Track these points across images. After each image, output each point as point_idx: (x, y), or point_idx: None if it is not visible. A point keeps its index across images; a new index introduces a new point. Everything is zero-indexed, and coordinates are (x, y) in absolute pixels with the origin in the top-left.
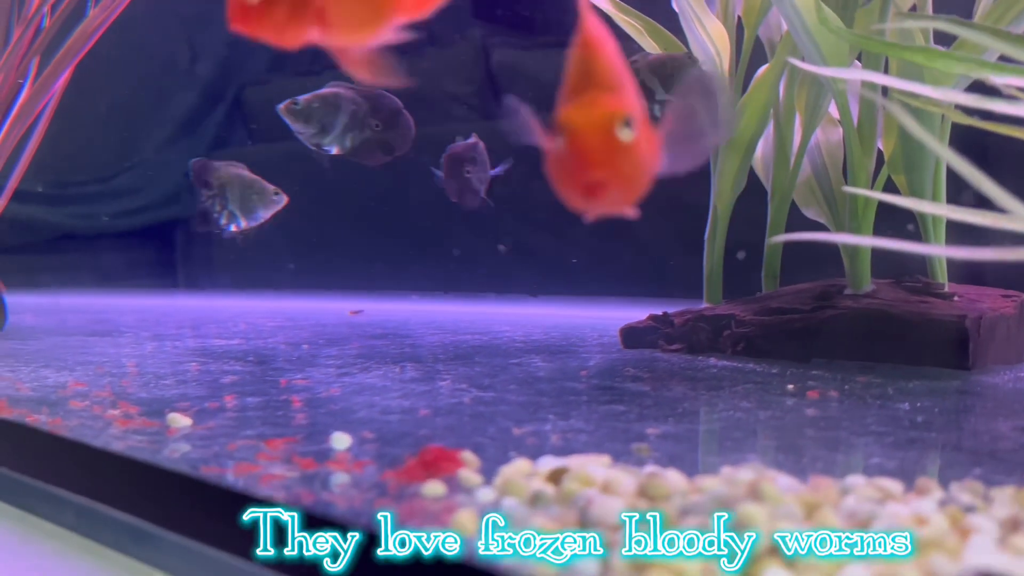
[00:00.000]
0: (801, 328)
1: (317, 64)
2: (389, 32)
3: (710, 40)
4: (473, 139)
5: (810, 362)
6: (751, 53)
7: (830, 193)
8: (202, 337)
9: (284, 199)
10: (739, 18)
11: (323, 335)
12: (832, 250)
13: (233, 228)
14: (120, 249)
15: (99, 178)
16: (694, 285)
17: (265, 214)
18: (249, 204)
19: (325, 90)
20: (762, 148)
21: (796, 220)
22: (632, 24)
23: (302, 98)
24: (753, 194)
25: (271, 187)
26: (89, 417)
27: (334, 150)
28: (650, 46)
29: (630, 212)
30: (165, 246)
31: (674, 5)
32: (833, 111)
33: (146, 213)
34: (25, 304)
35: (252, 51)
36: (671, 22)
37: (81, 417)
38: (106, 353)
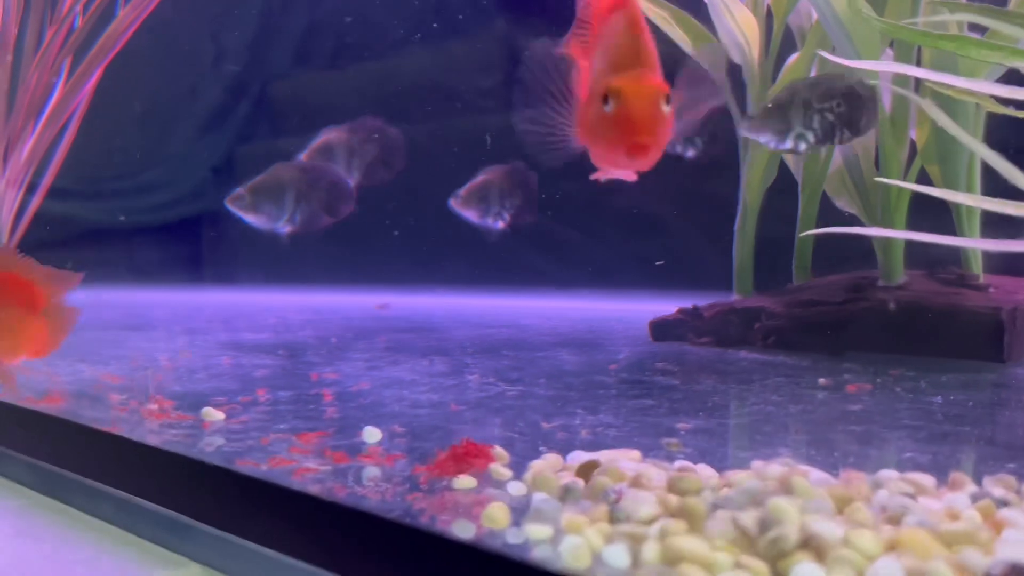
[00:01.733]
0: (833, 320)
1: (340, 59)
2: None
3: (739, 29)
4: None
5: (842, 355)
6: (781, 41)
7: (862, 184)
8: (233, 331)
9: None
10: (768, 7)
11: (351, 329)
12: (864, 241)
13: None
14: (150, 244)
15: (128, 174)
16: (723, 278)
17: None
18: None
19: (266, 174)
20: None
21: (827, 211)
22: (661, 14)
23: (244, 188)
24: (783, 186)
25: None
26: (126, 411)
27: (286, 230)
28: (679, 36)
29: (634, 176)
30: (193, 241)
31: None
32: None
33: (174, 208)
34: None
35: (276, 46)
36: (700, 12)
37: (118, 411)
38: (140, 347)
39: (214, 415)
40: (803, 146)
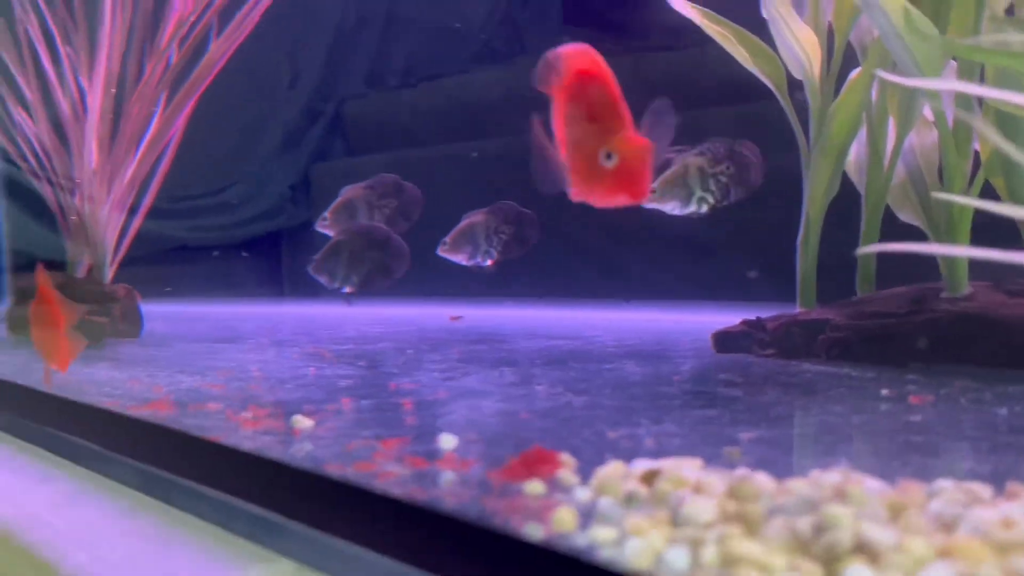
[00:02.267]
0: (897, 332)
1: (412, 76)
2: None
3: (799, 46)
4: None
5: (906, 367)
6: (843, 57)
7: (925, 197)
8: (316, 342)
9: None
10: (830, 23)
11: (426, 340)
12: (928, 254)
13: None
14: (232, 259)
15: (210, 191)
16: (787, 290)
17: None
18: None
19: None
20: (855, 152)
21: (890, 224)
22: (720, 32)
23: (327, 212)
24: (846, 198)
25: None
26: (222, 418)
27: (346, 289)
28: (739, 53)
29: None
30: (272, 256)
31: (763, 12)
32: (928, 113)
33: (254, 224)
34: (155, 312)
35: (350, 67)
36: (760, 29)
37: (215, 418)
38: (232, 358)
39: (303, 422)
40: (704, 208)
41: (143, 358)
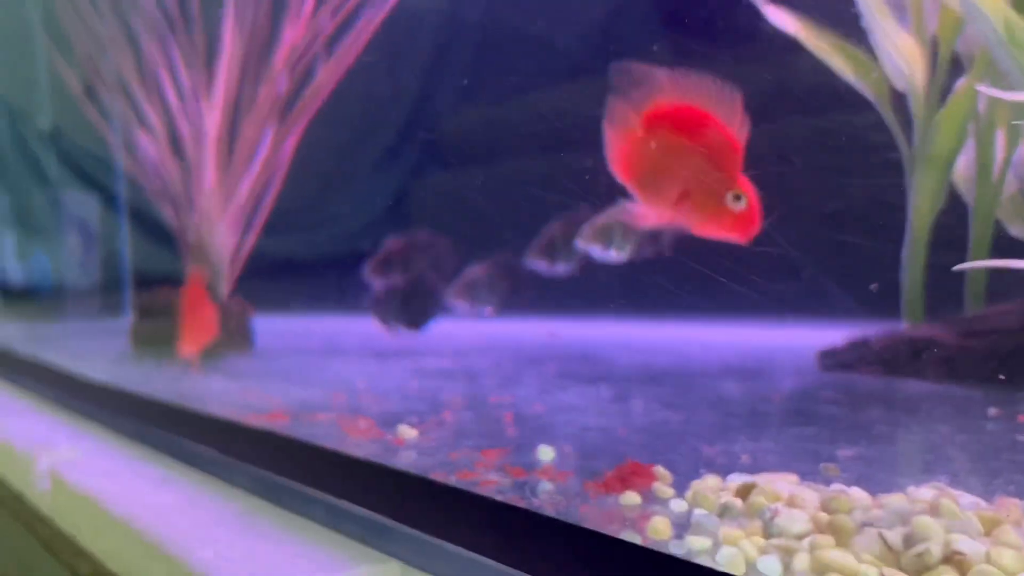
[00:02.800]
0: (1009, 350)
1: (504, 93)
2: None
3: (901, 56)
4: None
5: (1018, 386)
6: (948, 66)
7: None
8: (416, 356)
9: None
10: (934, 33)
11: (523, 355)
12: None
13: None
14: (339, 275)
15: (311, 208)
16: (893, 306)
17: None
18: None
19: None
20: (963, 163)
21: (1001, 238)
22: (819, 44)
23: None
24: (954, 211)
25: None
26: (333, 427)
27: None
28: (838, 65)
29: None
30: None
31: (863, 23)
32: None
33: (358, 241)
34: (266, 327)
35: (446, 87)
36: (859, 39)
37: (326, 427)
38: (339, 371)
39: (408, 432)
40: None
41: (256, 370)
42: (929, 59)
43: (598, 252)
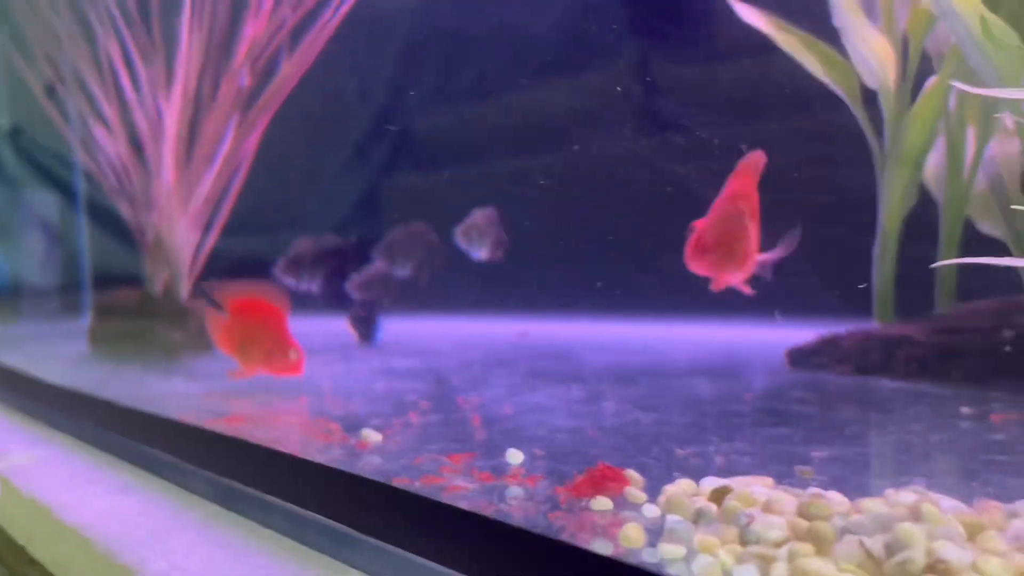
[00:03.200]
0: (979, 348)
1: (478, 92)
2: None
3: (873, 54)
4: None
5: (988, 384)
6: (918, 64)
7: (1007, 207)
8: (385, 357)
9: None
10: (904, 31)
11: (493, 356)
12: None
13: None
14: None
15: (281, 210)
16: (864, 305)
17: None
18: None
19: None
20: (933, 161)
21: (971, 235)
22: (791, 41)
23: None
24: (925, 209)
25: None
26: (293, 432)
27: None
28: (810, 62)
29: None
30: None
31: (835, 21)
32: (1009, 121)
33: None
34: None
35: (418, 87)
36: (831, 37)
37: (286, 431)
38: (304, 371)
39: (372, 436)
40: (480, 254)
41: (217, 372)
42: (899, 57)
43: (464, 247)
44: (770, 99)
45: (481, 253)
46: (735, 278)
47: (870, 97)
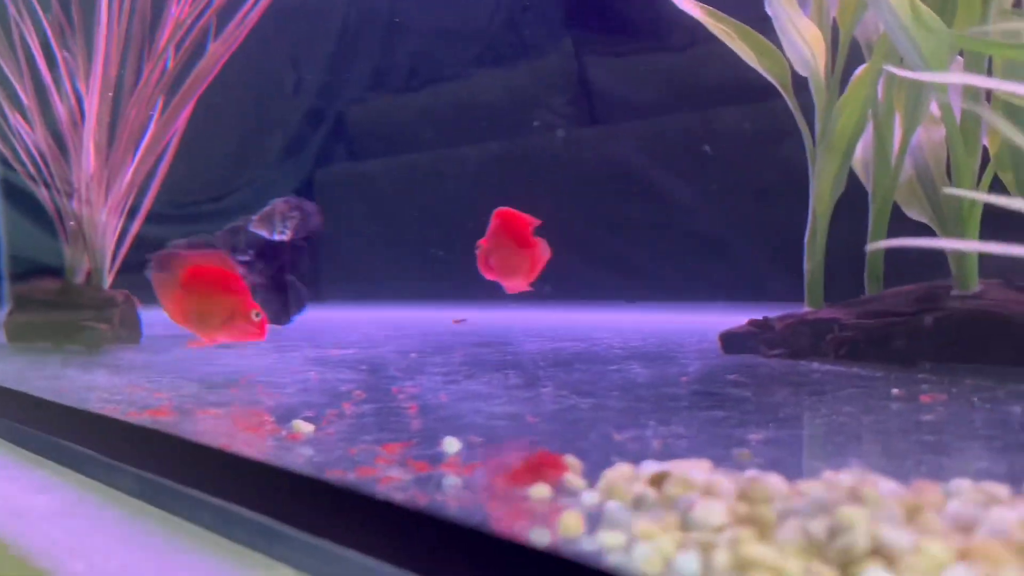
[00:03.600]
0: (906, 331)
1: (414, 81)
2: None
3: (804, 42)
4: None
5: (916, 365)
6: (848, 53)
7: (933, 193)
8: (319, 347)
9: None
10: (835, 19)
11: (429, 344)
12: (937, 251)
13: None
14: (236, 264)
15: (214, 198)
16: (793, 290)
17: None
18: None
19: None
20: (862, 148)
21: (899, 221)
22: (724, 29)
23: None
24: (853, 196)
25: None
26: (221, 424)
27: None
28: (743, 50)
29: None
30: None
31: (767, 9)
32: (935, 109)
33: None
34: (155, 318)
35: (351, 73)
36: (763, 25)
37: (214, 424)
38: (233, 364)
39: (304, 427)
40: (284, 236)
41: (142, 364)
42: (830, 45)
43: (265, 235)
44: (707, 88)
45: (284, 236)
46: (520, 284)
47: (803, 85)
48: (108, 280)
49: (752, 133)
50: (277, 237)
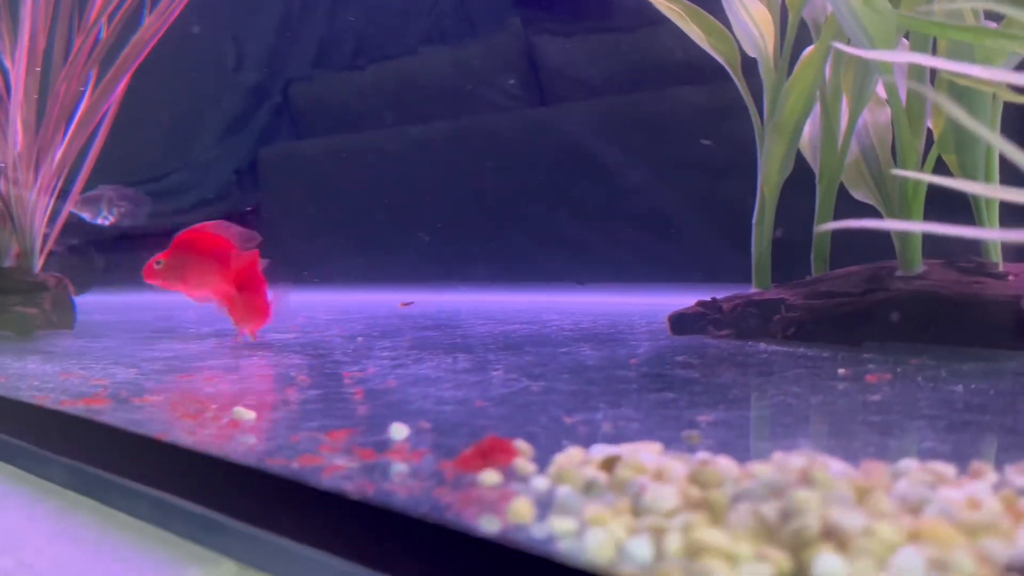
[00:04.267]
0: (852, 312)
1: (360, 59)
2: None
3: (753, 23)
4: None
5: (862, 346)
6: (796, 34)
7: (879, 175)
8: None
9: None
10: (783, 1)
11: (376, 327)
12: (883, 232)
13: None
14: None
15: (152, 178)
16: (742, 271)
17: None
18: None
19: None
20: (809, 130)
21: (845, 203)
22: (674, 9)
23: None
24: (800, 177)
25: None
26: (159, 412)
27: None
28: (692, 31)
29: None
30: None
31: None
32: (881, 91)
33: (198, 211)
34: (90, 303)
35: (296, 51)
36: (713, 6)
37: (151, 412)
38: (171, 349)
39: (245, 414)
40: (106, 222)
41: (76, 350)
42: (778, 26)
43: (88, 218)
44: (657, 69)
45: (107, 222)
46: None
47: (751, 66)
48: (39, 263)
49: (702, 114)
50: (99, 222)
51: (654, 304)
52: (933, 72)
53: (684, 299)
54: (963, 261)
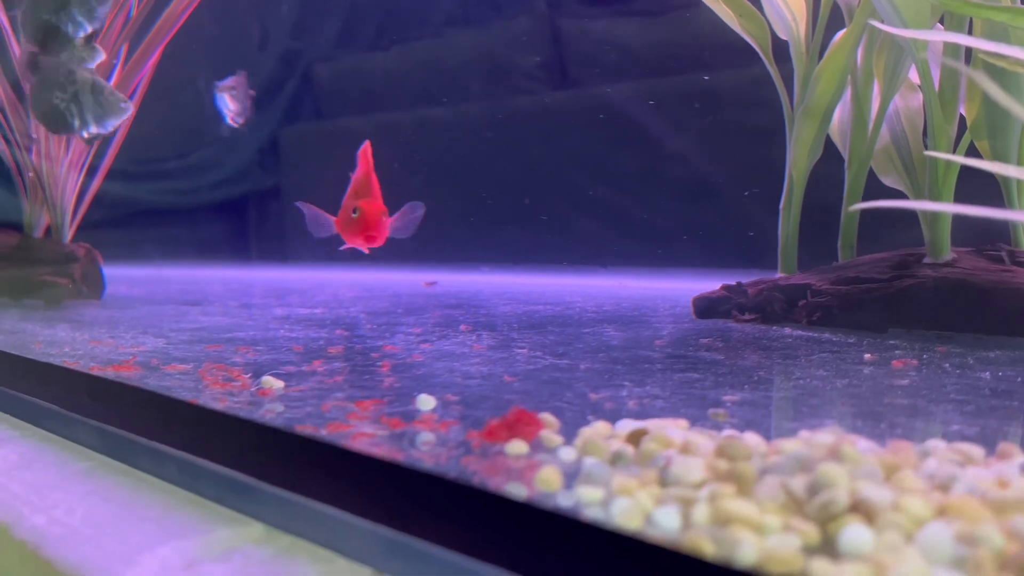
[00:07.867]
0: (879, 297)
1: (384, 40)
2: None
3: (786, 5)
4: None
5: (888, 332)
6: (828, 18)
7: (909, 160)
8: (287, 306)
9: (131, 109)
10: None
11: (400, 305)
12: (911, 218)
13: (86, 134)
14: (199, 223)
15: (177, 154)
16: (769, 255)
17: (114, 123)
18: (100, 110)
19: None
20: (839, 115)
21: (874, 188)
22: None
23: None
24: (830, 162)
25: (120, 95)
26: (189, 379)
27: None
28: (725, 12)
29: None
30: (240, 219)
31: None
32: (913, 76)
33: (222, 188)
34: (118, 275)
35: (322, 30)
36: None
37: (181, 379)
38: (198, 321)
39: (274, 383)
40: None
41: (104, 320)
42: (811, 10)
43: (230, 107)
44: (686, 52)
45: (241, 119)
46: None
47: (781, 50)
48: (69, 235)
49: (730, 98)
50: (234, 120)
51: (678, 288)
52: (967, 56)
53: (708, 283)
54: (991, 249)
